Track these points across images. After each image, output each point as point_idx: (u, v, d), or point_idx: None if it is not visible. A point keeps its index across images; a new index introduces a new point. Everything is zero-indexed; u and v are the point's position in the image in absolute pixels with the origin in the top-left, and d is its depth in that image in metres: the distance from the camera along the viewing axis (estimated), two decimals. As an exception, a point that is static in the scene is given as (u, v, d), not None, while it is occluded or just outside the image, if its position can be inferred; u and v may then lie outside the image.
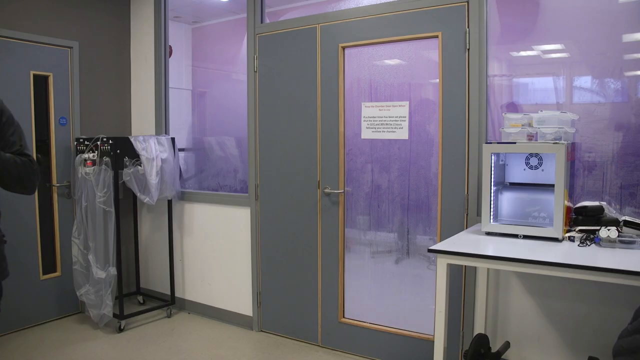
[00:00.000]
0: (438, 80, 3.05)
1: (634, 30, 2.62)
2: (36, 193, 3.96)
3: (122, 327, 3.90)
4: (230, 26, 4.57)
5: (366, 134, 3.35)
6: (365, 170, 3.39)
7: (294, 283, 3.70)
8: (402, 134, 3.21)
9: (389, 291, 3.39)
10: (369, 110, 3.32)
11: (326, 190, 3.48)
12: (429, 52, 3.14)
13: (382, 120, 3.27)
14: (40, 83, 4.01)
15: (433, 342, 2.36)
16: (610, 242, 2.23)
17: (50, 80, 4.03)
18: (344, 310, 3.53)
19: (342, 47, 3.36)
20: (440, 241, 2.64)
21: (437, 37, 3.03)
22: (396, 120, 3.22)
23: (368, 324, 3.43)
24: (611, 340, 1.32)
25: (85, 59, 4.25)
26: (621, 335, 1.29)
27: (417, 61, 3.21)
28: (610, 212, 2.46)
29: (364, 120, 3.34)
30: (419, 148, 3.19)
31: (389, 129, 3.25)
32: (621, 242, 2.22)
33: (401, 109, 3.21)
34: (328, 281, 3.55)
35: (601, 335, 2.59)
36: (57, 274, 4.15)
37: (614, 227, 2.26)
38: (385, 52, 3.28)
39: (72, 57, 4.16)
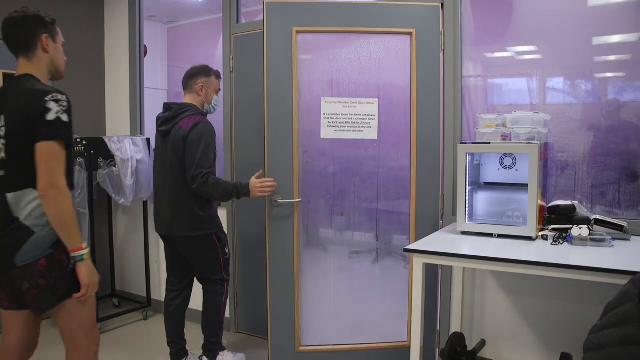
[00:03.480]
0: (410, 78, 2.95)
1: (603, 33, 2.68)
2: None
3: (96, 331, 3.84)
4: (206, 26, 4.54)
5: (327, 133, 3.01)
6: (326, 174, 3.07)
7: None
8: (371, 133, 3.02)
9: (355, 306, 3.11)
10: (330, 106, 3.00)
11: (279, 200, 2.98)
12: (402, 49, 2.99)
13: (347, 118, 3.03)
14: (11, 82, 3.91)
15: (406, 348, 2.35)
16: (581, 241, 2.28)
17: (22, 80, 3.94)
18: (300, 339, 3.07)
19: (296, 31, 2.93)
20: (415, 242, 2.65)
21: (410, 34, 2.92)
22: (364, 119, 3.02)
23: (331, 347, 3.05)
24: (583, 336, 1.34)
25: (58, 58, 4.17)
26: (591, 332, 1.31)
27: (389, 57, 3.01)
28: (582, 211, 2.50)
29: (324, 118, 3.01)
30: (389, 148, 3.02)
31: (356, 128, 3.03)
32: (592, 240, 2.26)
33: (369, 107, 3.00)
34: (279, 308, 3.04)
35: (573, 332, 2.64)
36: (29, 277, 4.05)
37: (586, 226, 2.31)
38: (353, 45, 3.00)
39: (44, 56, 4.07)
